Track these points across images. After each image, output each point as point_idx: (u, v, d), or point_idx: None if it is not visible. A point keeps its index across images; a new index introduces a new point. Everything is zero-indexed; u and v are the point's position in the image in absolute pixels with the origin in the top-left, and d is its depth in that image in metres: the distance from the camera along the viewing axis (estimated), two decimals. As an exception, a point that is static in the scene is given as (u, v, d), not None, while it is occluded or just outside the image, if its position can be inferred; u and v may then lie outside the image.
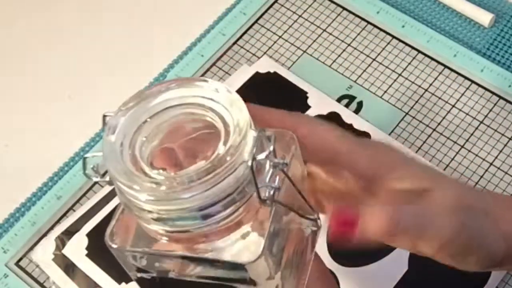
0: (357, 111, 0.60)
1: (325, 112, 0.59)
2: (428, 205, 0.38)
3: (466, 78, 0.61)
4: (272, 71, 0.62)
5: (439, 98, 0.60)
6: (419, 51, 0.63)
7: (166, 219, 0.31)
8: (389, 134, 0.59)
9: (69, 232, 0.54)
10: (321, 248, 0.53)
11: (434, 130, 0.59)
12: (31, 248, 0.55)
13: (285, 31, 0.64)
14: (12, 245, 0.55)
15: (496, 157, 0.58)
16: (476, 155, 0.58)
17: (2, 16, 0.69)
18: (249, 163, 0.30)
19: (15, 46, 0.67)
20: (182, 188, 0.30)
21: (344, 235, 0.36)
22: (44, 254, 0.54)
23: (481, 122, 0.59)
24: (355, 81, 0.62)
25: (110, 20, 0.68)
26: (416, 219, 0.37)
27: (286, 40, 0.64)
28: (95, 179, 0.33)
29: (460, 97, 0.60)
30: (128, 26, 0.67)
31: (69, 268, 0.53)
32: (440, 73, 0.62)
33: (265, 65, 0.62)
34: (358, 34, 0.64)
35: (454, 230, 0.37)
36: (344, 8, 0.65)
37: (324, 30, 0.64)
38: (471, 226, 0.38)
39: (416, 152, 0.58)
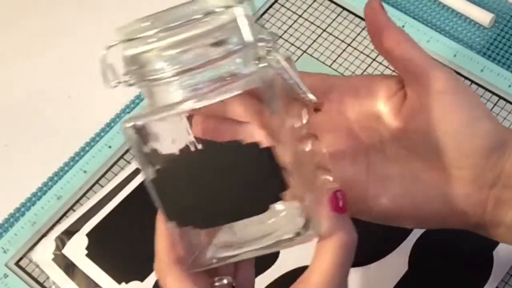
0: (357, 111, 0.60)
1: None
2: None
3: (466, 78, 0.61)
4: None
5: (439, 98, 0.60)
6: (419, 51, 0.63)
7: (174, 56, 0.35)
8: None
9: (69, 232, 0.54)
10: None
11: (434, 130, 0.59)
12: (31, 248, 0.55)
13: (285, 31, 0.64)
14: (12, 245, 0.55)
15: (496, 157, 0.57)
16: (476, 155, 0.58)
17: (3, 16, 0.69)
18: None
19: (15, 46, 0.67)
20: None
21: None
22: (44, 254, 0.54)
23: (481, 122, 0.59)
24: (355, 81, 0.62)
25: (110, 19, 0.68)
26: None
27: (286, 40, 0.64)
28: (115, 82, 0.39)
29: (460, 97, 0.60)
30: (128, 26, 0.67)
31: (69, 268, 0.53)
32: (440, 73, 0.62)
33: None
34: (358, 34, 0.64)
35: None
36: (344, 8, 0.65)
37: (324, 30, 0.64)
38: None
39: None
